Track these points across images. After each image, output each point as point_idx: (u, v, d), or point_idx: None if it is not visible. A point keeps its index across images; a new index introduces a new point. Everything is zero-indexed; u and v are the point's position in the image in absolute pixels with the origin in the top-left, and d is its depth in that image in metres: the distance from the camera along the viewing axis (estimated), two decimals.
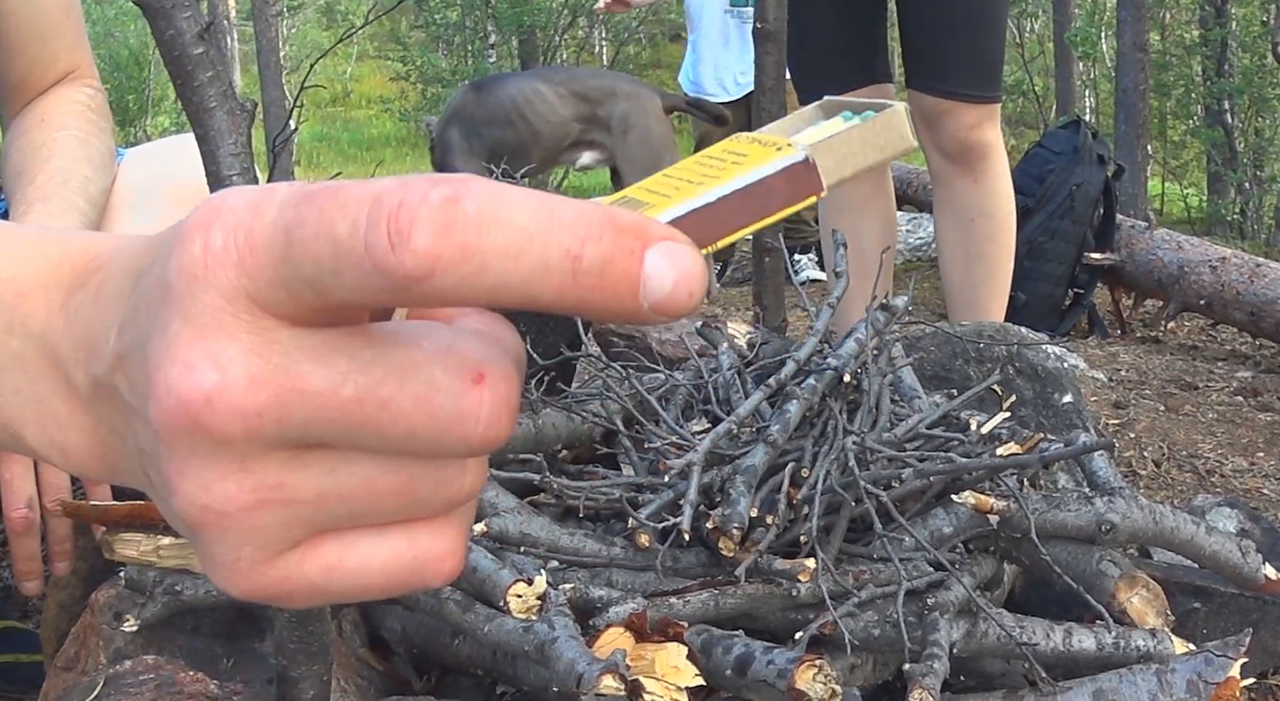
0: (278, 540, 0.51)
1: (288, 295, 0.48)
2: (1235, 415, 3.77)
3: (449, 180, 0.46)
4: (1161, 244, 5.42)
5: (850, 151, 0.56)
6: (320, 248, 0.47)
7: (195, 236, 0.49)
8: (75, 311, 0.57)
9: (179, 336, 0.48)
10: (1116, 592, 1.69)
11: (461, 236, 0.45)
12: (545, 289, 0.47)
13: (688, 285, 0.48)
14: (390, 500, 0.52)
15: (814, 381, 1.80)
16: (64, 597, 1.89)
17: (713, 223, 0.52)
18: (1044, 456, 1.78)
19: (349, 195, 0.47)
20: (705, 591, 1.63)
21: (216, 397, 0.48)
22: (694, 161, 0.58)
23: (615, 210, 0.48)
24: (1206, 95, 15.89)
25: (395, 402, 0.49)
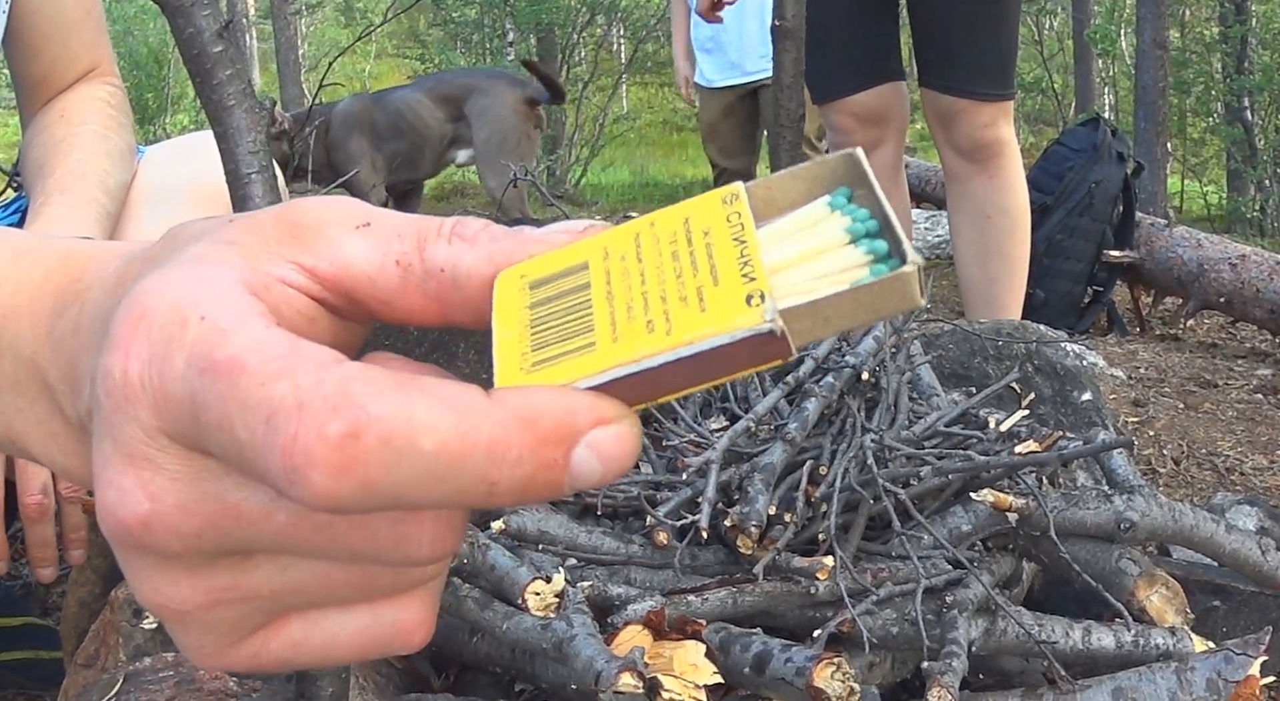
0: (238, 628, 0.51)
1: (200, 445, 0.47)
2: (1255, 413, 3.76)
3: (348, 403, 0.43)
4: (1181, 241, 5.40)
5: (835, 315, 0.48)
6: (224, 441, 0.45)
7: (118, 358, 0.48)
8: (59, 341, 0.56)
9: (112, 459, 0.48)
10: (1136, 590, 1.69)
11: (363, 474, 0.43)
12: (461, 505, 0.46)
13: (616, 468, 0.46)
14: (346, 590, 0.51)
15: (832, 379, 1.80)
16: (84, 594, 1.89)
17: (654, 384, 0.47)
18: (1063, 454, 1.77)
19: (247, 393, 0.44)
20: (723, 589, 1.63)
21: (153, 523, 0.47)
22: (669, 248, 0.50)
23: (538, 410, 0.45)
24: (1226, 92, 15.83)
25: (331, 528, 0.48)
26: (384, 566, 0.50)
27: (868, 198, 0.52)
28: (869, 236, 0.49)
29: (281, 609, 0.51)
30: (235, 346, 0.45)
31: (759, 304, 0.46)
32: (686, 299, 0.47)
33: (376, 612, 0.52)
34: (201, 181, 1.97)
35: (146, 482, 0.47)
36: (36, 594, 2.53)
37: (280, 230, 0.52)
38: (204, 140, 2.03)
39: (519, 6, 15.45)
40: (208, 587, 0.49)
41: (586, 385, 0.46)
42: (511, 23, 15.86)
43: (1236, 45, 15.53)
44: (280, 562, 0.49)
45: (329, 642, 0.52)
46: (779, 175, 0.54)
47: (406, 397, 0.44)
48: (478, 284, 0.52)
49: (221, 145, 1.16)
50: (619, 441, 0.45)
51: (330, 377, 0.44)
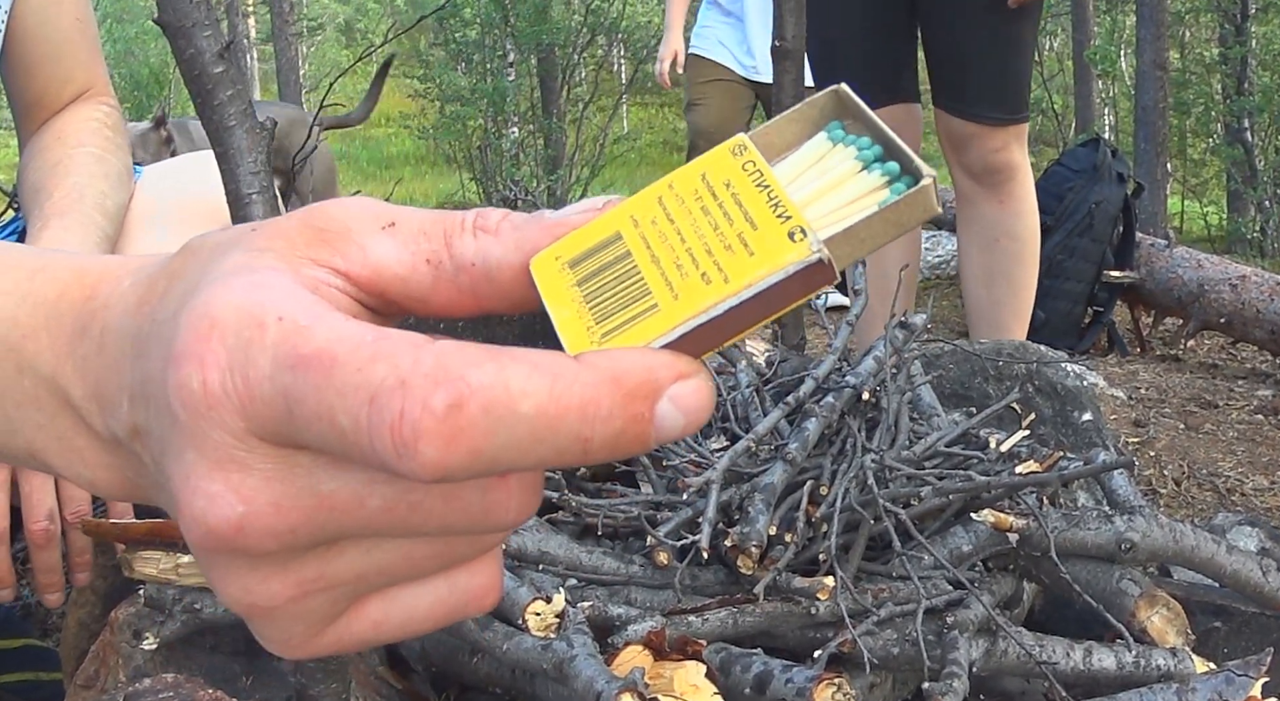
0: (325, 616, 0.53)
1: (297, 442, 0.48)
2: (1256, 433, 3.76)
3: (448, 377, 0.45)
4: (1181, 262, 5.41)
5: (869, 235, 0.51)
6: (324, 431, 0.46)
7: (191, 370, 0.48)
8: (82, 360, 0.56)
9: (196, 468, 0.48)
10: (1137, 611, 1.69)
11: (469, 443, 0.45)
12: (558, 464, 0.47)
13: (696, 420, 0.48)
14: (428, 563, 0.53)
15: (833, 399, 1.80)
16: (83, 615, 1.89)
17: (721, 330, 0.50)
18: (1063, 474, 1.78)
19: (345, 380, 0.46)
20: (724, 609, 1.63)
21: (247, 525, 0.48)
22: (697, 205, 0.53)
23: (622, 368, 0.47)
24: (1226, 113, 15.86)
25: (424, 505, 0.49)
26: (467, 536, 0.52)
27: (865, 126, 0.56)
28: (878, 161, 0.53)
29: (365, 591, 0.53)
30: (321, 340, 0.47)
31: (802, 238, 0.49)
32: (731, 247, 0.50)
33: (453, 581, 0.54)
34: (201, 201, 1.97)
35: (238, 486, 0.48)
36: (36, 615, 2.53)
37: (308, 236, 0.53)
38: (202, 160, 2.03)
39: (520, 27, 15.50)
40: (297, 580, 0.50)
41: (660, 344, 0.49)
42: (512, 43, 15.89)
43: (1236, 66, 15.57)
44: (366, 547, 0.51)
45: (408, 616, 0.54)
46: (774, 121, 0.58)
47: (501, 366, 0.45)
48: (510, 274, 0.54)
49: (222, 165, 1.17)
50: (698, 393, 0.48)
51: (426, 355, 0.45)
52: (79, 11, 2.09)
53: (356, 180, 23.02)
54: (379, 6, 32.68)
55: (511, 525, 0.51)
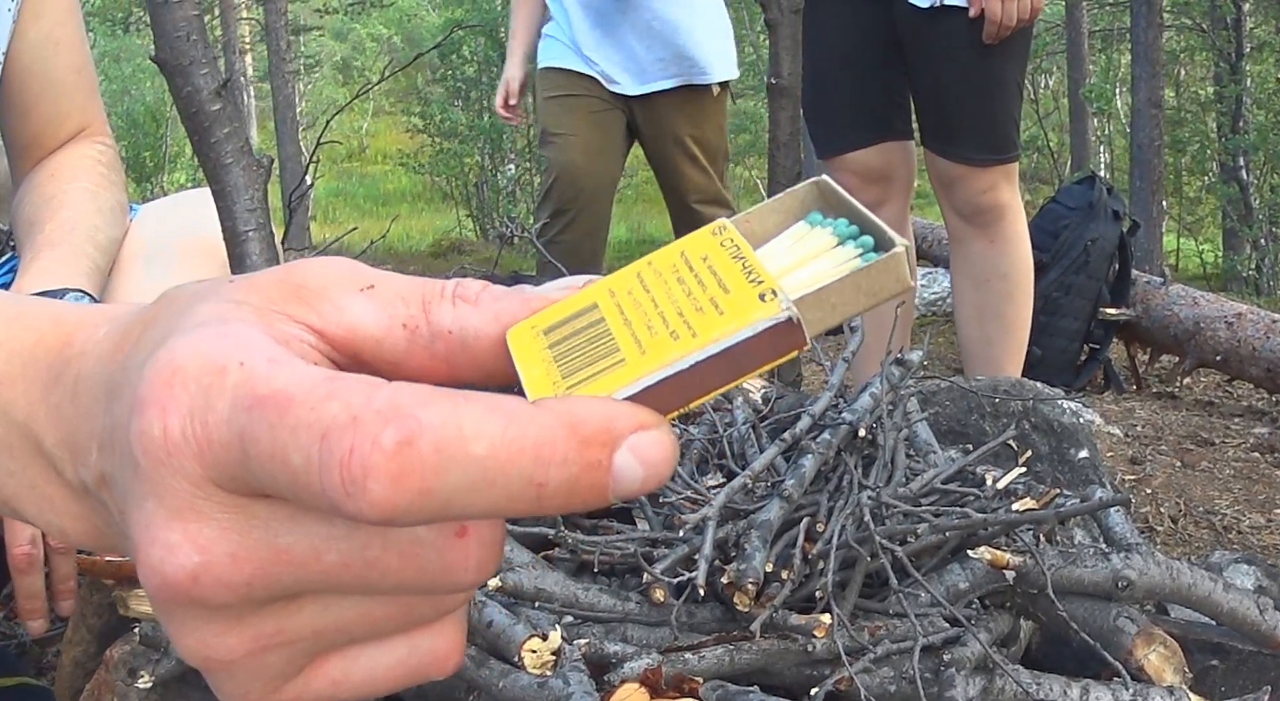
0: (283, 673, 0.52)
1: (248, 487, 0.48)
2: (1252, 471, 3.76)
3: (400, 414, 0.44)
4: (1177, 299, 5.42)
5: (841, 300, 0.52)
6: (276, 471, 0.46)
7: (153, 416, 0.48)
8: (55, 408, 0.56)
9: (155, 517, 0.48)
10: (1134, 649, 1.68)
11: (419, 482, 0.44)
12: (511, 511, 0.46)
13: (656, 474, 0.47)
14: (387, 623, 0.52)
15: (829, 436, 1.80)
16: (78, 654, 1.89)
17: (687, 387, 0.49)
18: (1060, 512, 1.78)
19: (298, 418, 0.45)
20: (720, 646, 1.62)
21: (202, 575, 0.48)
22: (673, 276, 0.54)
23: (579, 414, 0.46)
24: (1222, 151, 15.92)
25: (381, 562, 0.49)
26: (426, 596, 0.52)
27: (843, 210, 0.57)
28: (854, 237, 0.54)
29: (324, 648, 0.52)
30: (279, 381, 0.46)
31: (773, 298, 0.50)
32: (702, 309, 0.51)
33: (414, 642, 0.53)
34: (197, 238, 1.97)
35: (195, 535, 0.48)
36: (31, 653, 2.53)
37: (284, 292, 0.53)
38: (199, 197, 2.02)
39: None
40: (254, 635, 0.50)
41: (623, 395, 0.49)
42: None
43: (1231, 105, 15.64)
44: (323, 603, 0.50)
45: (368, 677, 0.53)
46: (755, 209, 0.59)
47: (455, 405, 0.45)
48: (486, 344, 0.54)
49: (219, 203, 1.17)
50: (659, 446, 0.46)
51: (379, 393, 0.45)
52: (76, 52, 2.09)
53: (354, 217, 23.06)
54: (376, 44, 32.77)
55: (471, 585, 0.50)
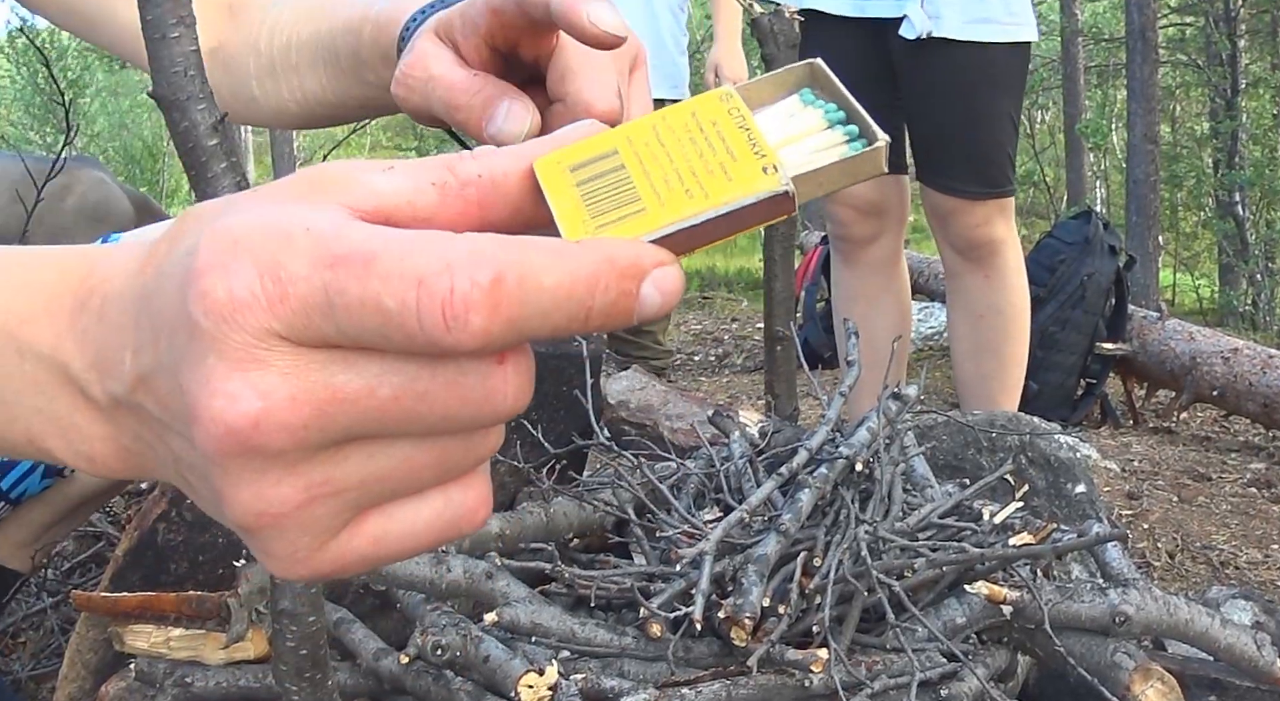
0: (329, 527, 0.55)
1: (319, 336, 0.52)
2: (1249, 507, 3.76)
3: (485, 257, 0.51)
4: (1173, 334, 5.42)
5: (827, 180, 0.61)
6: (366, 317, 0.50)
7: (215, 279, 0.51)
8: (83, 333, 0.59)
9: (216, 370, 0.51)
10: (1131, 685, 1.68)
11: (508, 311, 0.51)
12: (564, 331, 0.53)
13: (671, 302, 0.55)
14: (427, 472, 0.56)
15: (826, 470, 1.81)
16: (74, 690, 1.88)
17: (696, 236, 0.58)
18: (1057, 546, 1.78)
19: (387, 268, 0.50)
20: (717, 681, 1.62)
21: (263, 420, 0.51)
22: (685, 136, 0.62)
23: (614, 251, 0.54)
24: (1218, 187, 15.95)
25: (430, 393, 0.53)
26: (463, 438, 0.56)
27: (832, 94, 0.67)
28: (841, 122, 0.65)
29: (366, 502, 0.56)
30: (354, 241, 0.51)
31: (774, 172, 0.59)
32: (713, 171, 0.59)
33: (448, 496, 0.58)
34: None
35: (257, 382, 0.51)
36: (26, 690, 2.52)
37: (310, 185, 0.57)
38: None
39: None
40: (306, 484, 0.53)
41: (647, 239, 0.57)
42: None
43: (1227, 140, 15.69)
44: (369, 450, 0.54)
45: (407, 532, 0.57)
46: (756, 81, 0.69)
47: (524, 247, 0.52)
48: (515, 179, 0.59)
49: None
50: (674, 279, 0.55)
51: (459, 241, 0.52)
52: None
53: None
54: None
55: (509, 412, 0.55)
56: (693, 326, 8.41)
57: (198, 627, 1.75)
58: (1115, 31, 19.37)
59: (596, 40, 0.78)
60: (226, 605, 1.73)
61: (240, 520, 0.54)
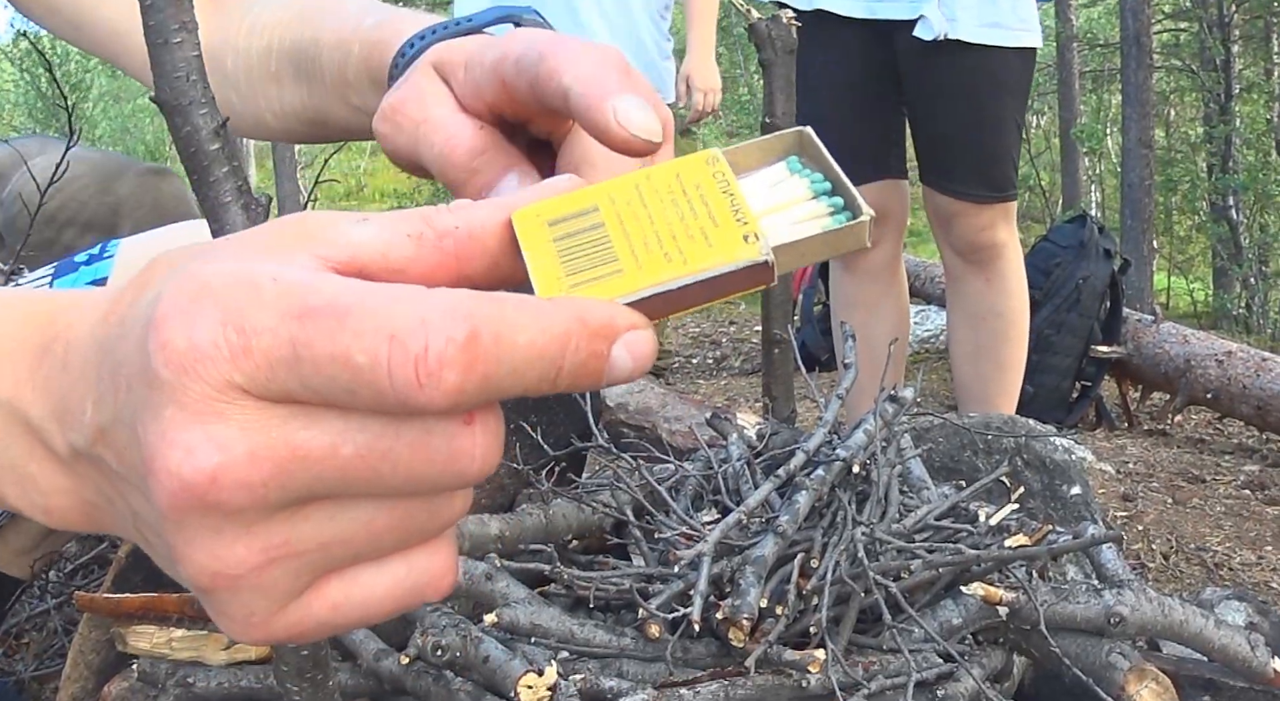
0: (287, 591, 0.54)
1: (283, 391, 0.50)
2: (1243, 508, 3.76)
3: (461, 313, 0.49)
4: (1168, 337, 5.42)
5: (809, 251, 0.60)
6: (334, 371, 0.49)
7: (175, 326, 0.50)
8: (45, 380, 0.58)
9: (174, 422, 0.50)
10: (1126, 685, 1.68)
11: (483, 368, 0.50)
12: (534, 391, 0.52)
13: (642, 366, 0.54)
14: (388, 535, 0.54)
15: (823, 472, 1.81)
16: (76, 690, 1.88)
17: (671, 302, 0.57)
18: (1052, 548, 1.78)
19: (359, 323, 0.49)
20: (715, 682, 1.62)
21: (220, 475, 0.50)
22: (669, 197, 0.61)
23: (587, 311, 0.53)
24: (1212, 190, 15.96)
25: (395, 453, 0.51)
26: (427, 501, 0.55)
27: (819, 164, 0.65)
28: (826, 194, 0.63)
29: (326, 566, 0.54)
30: (327, 293, 0.50)
31: (755, 241, 0.58)
32: (694, 236, 0.58)
33: (411, 561, 0.56)
34: None
35: (215, 435, 0.50)
36: (30, 690, 2.52)
37: (283, 235, 0.56)
38: (185, 231, 1.96)
39: None
40: (263, 545, 0.52)
41: (622, 301, 0.56)
42: None
43: (1221, 145, 15.70)
44: (330, 511, 0.53)
45: (366, 599, 0.56)
46: (743, 145, 0.67)
47: (499, 303, 0.51)
48: (493, 232, 0.58)
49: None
50: (646, 343, 0.54)
51: (434, 296, 0.50)
52: None
53: None
54: None
55: (476, 475, 0.53)
56: (691, 329, 8.41)
57: (200, 628, 1.75)
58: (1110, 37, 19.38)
59: (625, 145, 0.69)
60: None
61: (194, 579, 0.53)
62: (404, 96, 0.82)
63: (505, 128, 0.81)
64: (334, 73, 1.06)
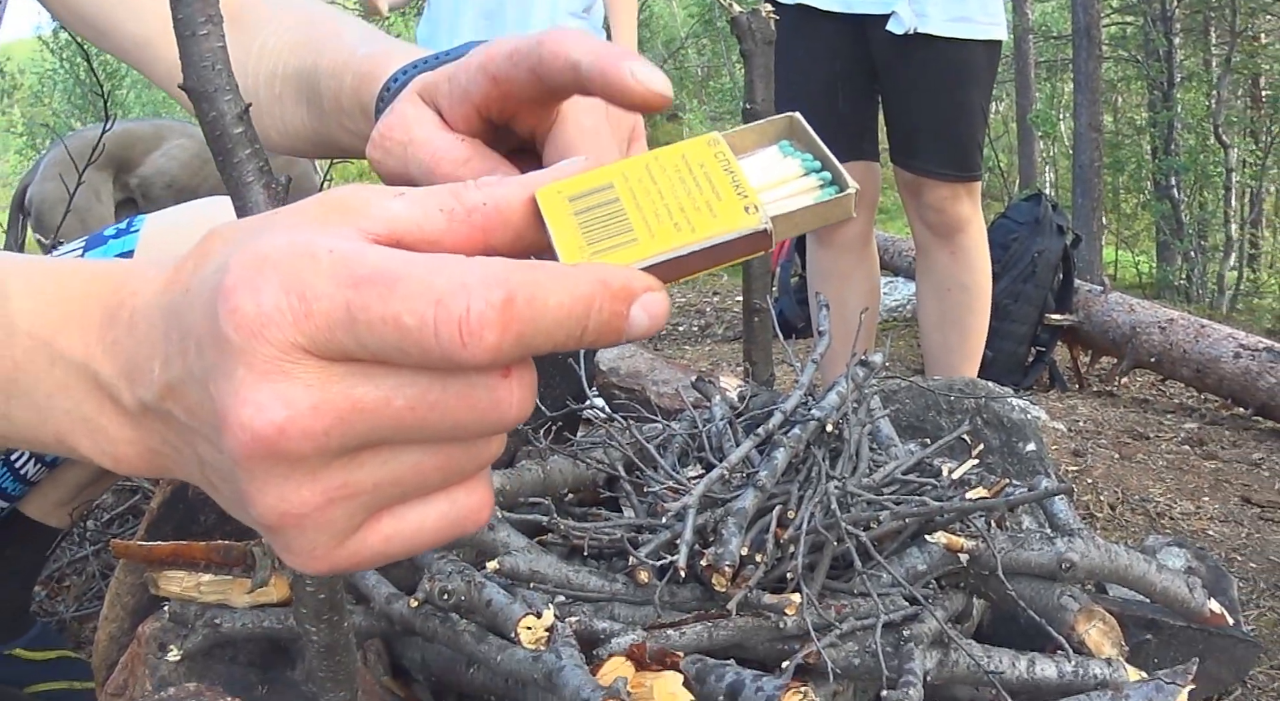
0: (346, 527, 0.56)
1: (340, 350, 0.52)
2: (1183, 463, 3.77)
3: (497, 279, 0.51)
4: (1115, 306, 5.43)
5: (802, 220, 0.63)
6: (386, 332, 0.51)
7: (243, 294, 0.51)
8: (113, 343, 0.60)
9: (245, 381, 0.51)
10: (1075, 625, 1.68)
11: (518, 328, 0.51)
12: (563, 346, 0.54)
13: (657, 324, 0.55)
14: (434, 476, 0.56)
15: (799, 431, 1.80)
16: (113, 630, 1.88)
17: (681, 267, 0.59)
18: (1009, 500, 1.78)
19: (407, 288, 0.51)
20: (700, 624, 1.62)
21: (289, 427, 0.52)
22: (676, 175, 0.63)
23: (608, 275, 0.54)
24: (1155, 171, 15.94)
25: (442, 403, 0.53)
26: (468, 445, 0.57)
27: (809, 145, 0.68)
28: (816, 171, 0.66)
29: (379, 504, 0.56)
30: (374, 263, 0.52)
31: (755, 212, 0.60)
32: (700, 209, 0.61)
33: (453, 498, 0.58)
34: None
35: (282, 392, 0.52)
36: (70, 629, 2.52)
37: (328, 208, 0.57)
38: (206, 207, 1.94)
39: None
40: (324, 487, 0.54)
41: (638, 266, 0.58)
42: None
43: (1164, 129, 15.68)
44: (383, 456, 0.55)
45: (415, 531, 0.58)
46: (739, 129, 0.70)
47: (531, 269, 0.52)
48: (517, 206, 0.60)
49: (241, 217, 1.17)
50: (661, 303, 0.56)
51: (473, 264, 0.52)
52: None
53: None
54: None
55: (514, 420, 0.55)
56: (677, 299, 8.40)
57: (225, 574, 1.74)
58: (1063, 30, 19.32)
59: (643, 100, 0.68)
60: (251, 553, 1.73)
61: (264, 519, 0.55)
62: (390, 123, 0.82)
63: (488, 136, 0.80)
64: (331, 100, 1.07)
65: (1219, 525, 3.12)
